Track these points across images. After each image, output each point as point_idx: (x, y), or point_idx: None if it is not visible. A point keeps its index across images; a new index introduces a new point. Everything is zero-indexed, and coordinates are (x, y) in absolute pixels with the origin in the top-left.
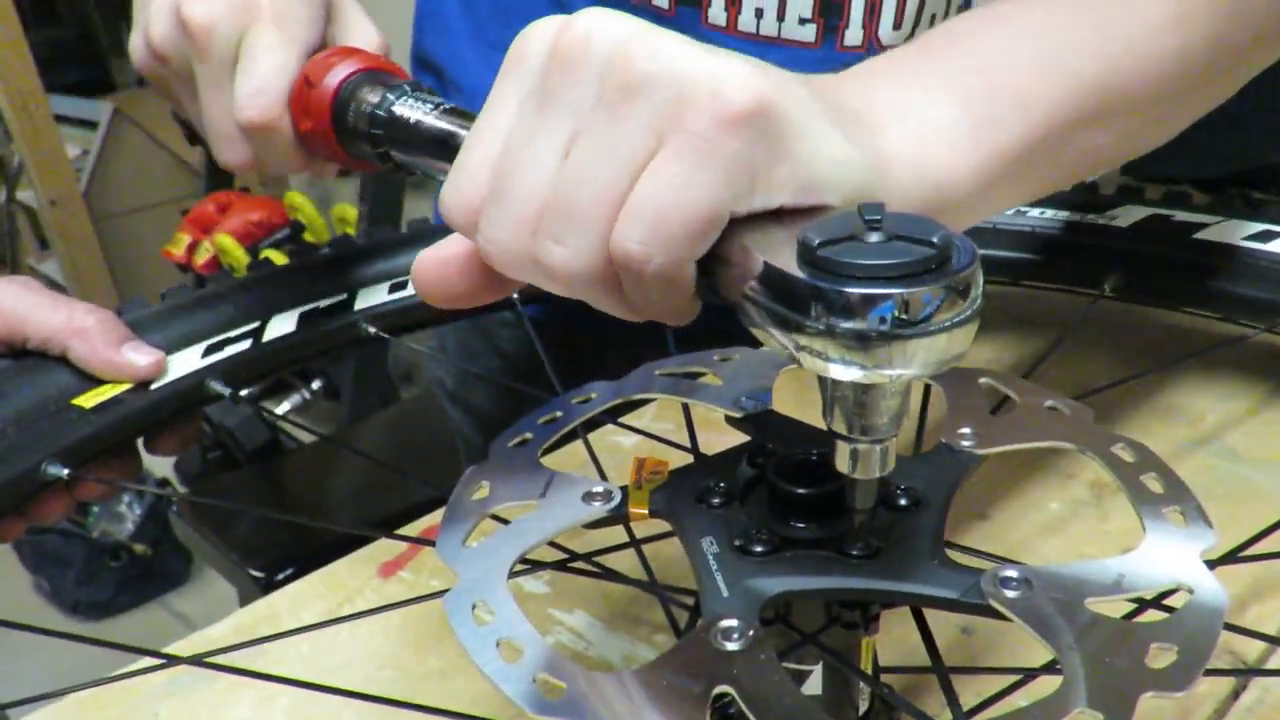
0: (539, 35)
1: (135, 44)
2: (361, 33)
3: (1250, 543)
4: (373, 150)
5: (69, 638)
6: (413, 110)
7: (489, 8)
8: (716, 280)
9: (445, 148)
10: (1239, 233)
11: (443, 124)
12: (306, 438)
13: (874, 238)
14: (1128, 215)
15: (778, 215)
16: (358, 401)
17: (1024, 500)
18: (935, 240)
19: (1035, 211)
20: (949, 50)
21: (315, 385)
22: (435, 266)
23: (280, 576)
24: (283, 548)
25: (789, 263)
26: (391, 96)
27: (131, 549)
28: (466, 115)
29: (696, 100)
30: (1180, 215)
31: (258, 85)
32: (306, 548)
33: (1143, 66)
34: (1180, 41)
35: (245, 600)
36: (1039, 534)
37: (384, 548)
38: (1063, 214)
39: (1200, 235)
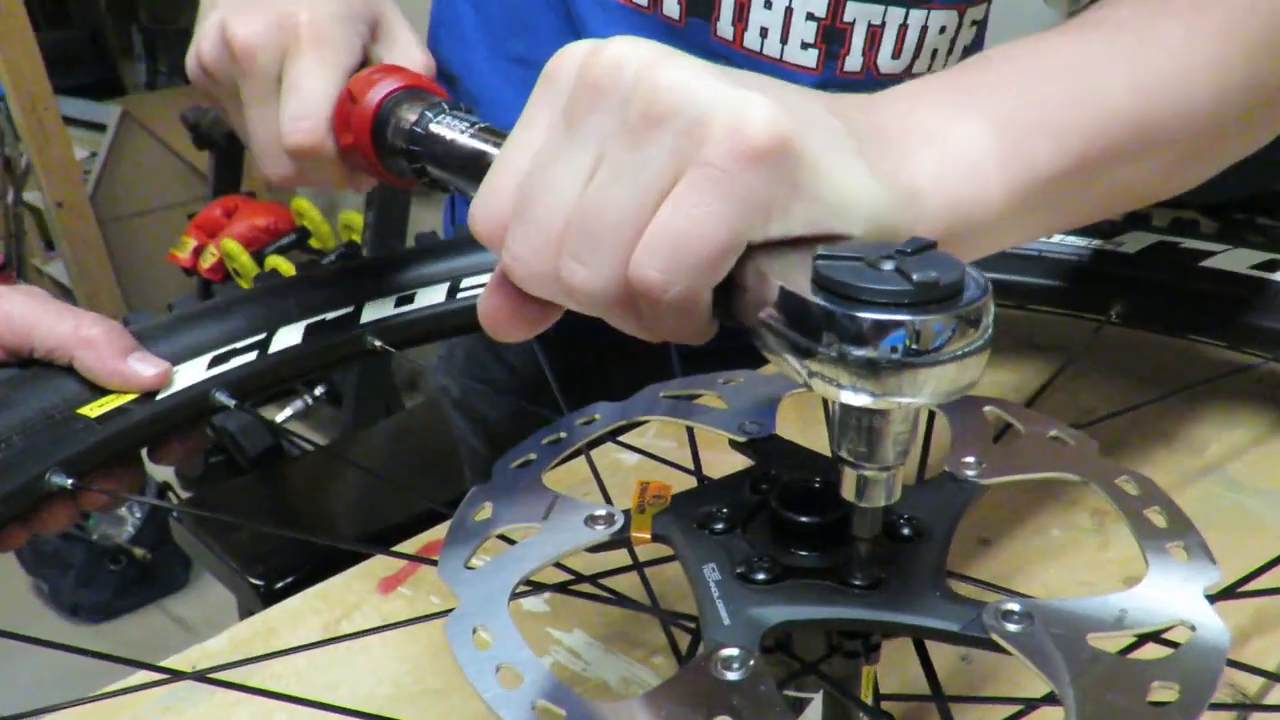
0: (570, 59)
1: (189, 59)
2: (406, 51)
3: (1251, 577)
4: (409, 166)
5: (71, 650)
6: (449, 129)
7: (503, 18)
8: (733, 304)
9: (477, 166)
10: (1246, 261)
11: (476, 143)
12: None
13: (888, 266)
14: (1135, 241)
15: (795, 241)
16: (361, 408)
17: (1025, 526)
18: (949, 270)
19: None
20: (983, 78)
21: (318, 391)
22: (502, 310)
23: (280, 585)
24: (282, 556)
25: (804, 288)
26: (430, 114)
27: (131, 552)
28: (500, 135)
29: (717, 133)
30: (1188, 243)
31: (301, 109)
32: (306, 557)
33: (1177, 104)
34: (1217, 81)
35: (244, 607)
36: (1040, 560)
37: (384, 562)
38: (1070, 239)
39: (1207, 263)
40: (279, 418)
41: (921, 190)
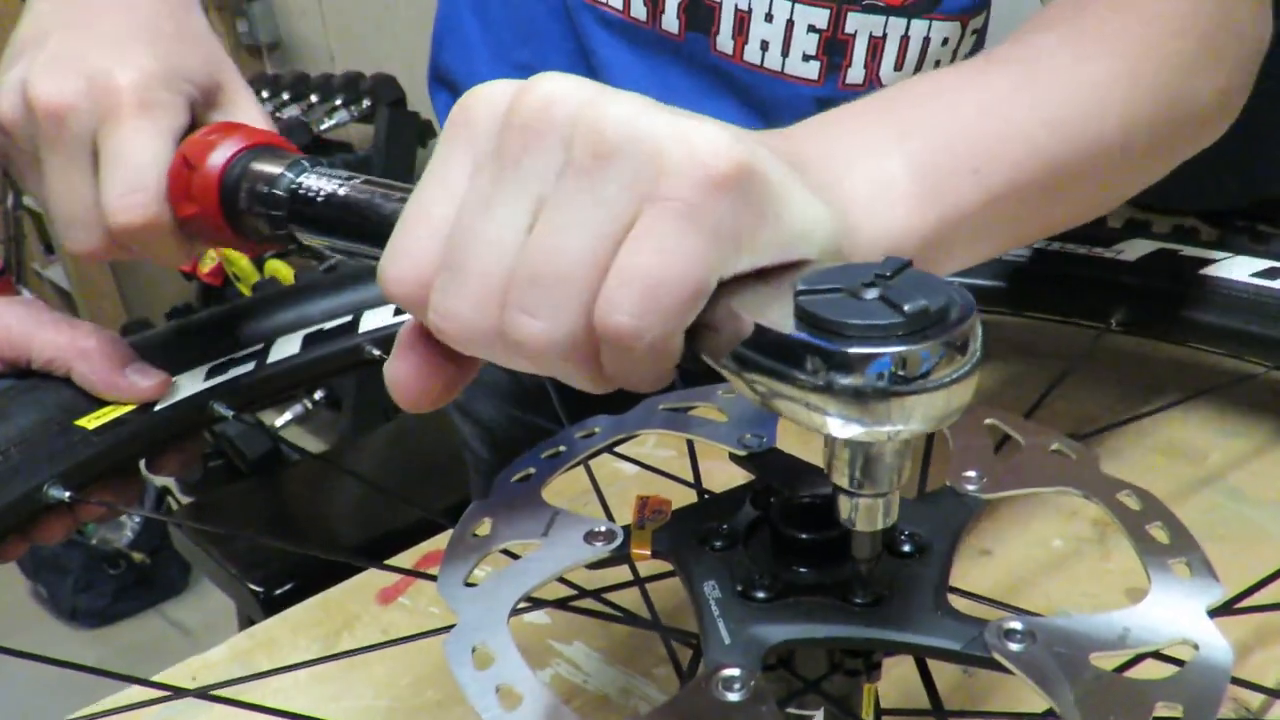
0: (488, 100)
1: None
2: (247, 110)
3: (1252, 591)
4: (272, 231)
5: (67, 665)
6: (324, 183)
7: (509, 27)
8: (700, 345)
9: (369, 221)
10: (1246, 269)
11: (361, 196)
12: (310, 446)
13: (870, 294)
14: (1135, 249)
15: (760, 274)
16: (360, 413)
17: (1026, 536)
18: (933, 294)
19: (1040, 242)
20: (904, 109)
21: (317, 396)
22: (417, 375)
23: (279, 591)
24: (282, 562)
25: (779, 322)
26: (291, 173)
27: (130, 557)
28: (389, 186)
29: (677, 165)
30: (1188, 250)
31: (129, 183)
32: (306, 563)
33: (1091, 142)
34: (1125, 121)
35: (243, 613)
36: (1041, 571)
37: (384, 572)
38: (1069, 246)
39: (1208, 271)
40: (278, 422)
41: (855, 217)
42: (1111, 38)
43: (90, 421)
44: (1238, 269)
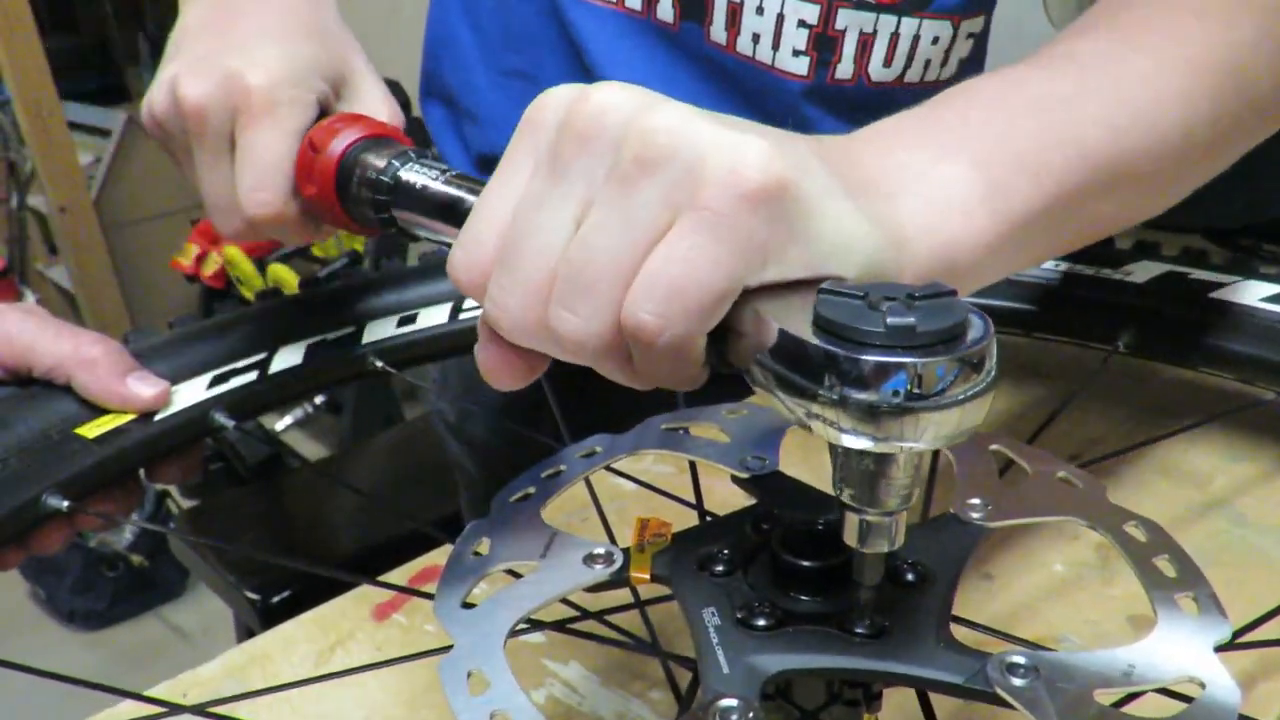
0: (553, 104)
1: (143, 109)
2: (372, 103)
3: (1259, 623)
4: (376, 215)
5: (60, 679)
6: (420, 176)
7: (500, 34)
8: (727, 349)
9: (453, 213)
10: (1256, 294)
11: (450, 190)
12: (310, 451)
13: (890, 308)
14: (1144, 271)
15: (791, 285)
16: (360, 419)
17: (1029, 560)
18: (951, 312)
19: (1050, 264)
20: (959, 117)
21: (318, 400)
22: (496, 361)
23: (276, 599)
24: (279, 571)
25: (803, 330)
26: (397, 163)
27: (128, 559)
28: (475, 181)
29: (714, 176)
30: (1197, 273)
31: (258, 180)
32: (303, 572)
33: (1148, 139)
34: (1185, 114)
35: (240, 619)
36: (1044, 597)
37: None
38: (1078, 267)
39: (1217, 295)
40: (278, 426)
41: (907, 232)
42: (1163, 29)
43: (90, 430)
44: (1248, 293)
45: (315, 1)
